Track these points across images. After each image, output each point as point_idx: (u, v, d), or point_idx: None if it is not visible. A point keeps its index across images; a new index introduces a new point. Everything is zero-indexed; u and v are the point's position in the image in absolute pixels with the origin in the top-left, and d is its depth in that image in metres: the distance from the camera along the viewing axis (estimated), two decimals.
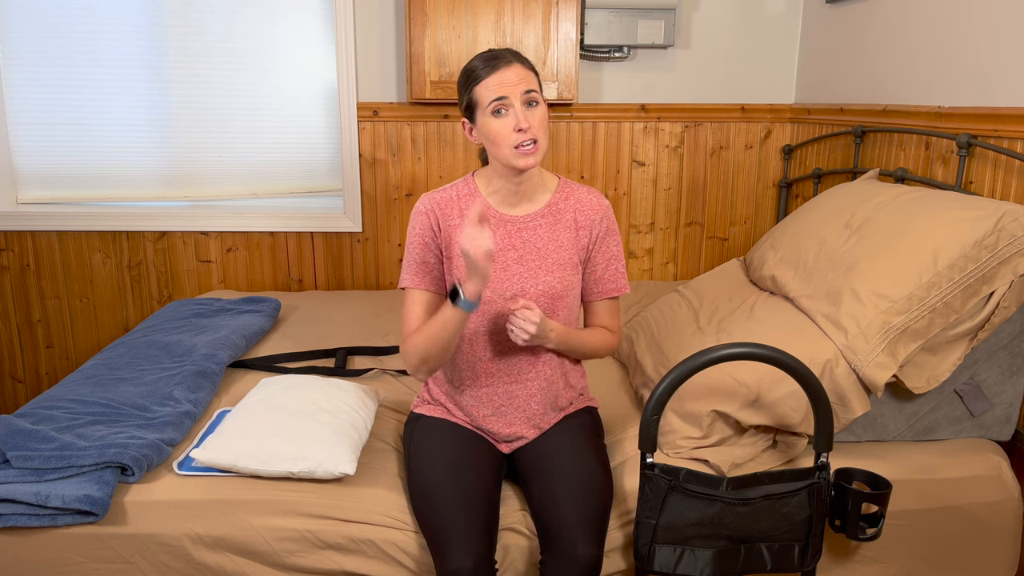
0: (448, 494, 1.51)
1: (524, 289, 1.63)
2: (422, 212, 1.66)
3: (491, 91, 1.54)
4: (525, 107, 1.54)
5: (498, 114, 1.54)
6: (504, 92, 1.53)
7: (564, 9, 2.76)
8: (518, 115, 1.53)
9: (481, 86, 1.55)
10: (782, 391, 1.66)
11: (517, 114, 1.53)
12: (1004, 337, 1.76)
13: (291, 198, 3.17)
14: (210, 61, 3.00)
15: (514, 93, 1.53)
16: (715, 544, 1.53)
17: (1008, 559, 1.77)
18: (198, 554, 1.57)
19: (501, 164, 1.60)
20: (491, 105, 1.53)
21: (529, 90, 1.54)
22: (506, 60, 1.55)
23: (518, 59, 1.57)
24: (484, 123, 1.56)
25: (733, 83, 3.09)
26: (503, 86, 1.53)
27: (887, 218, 1.87)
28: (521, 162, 1.55)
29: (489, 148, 1.59)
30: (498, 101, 1.53)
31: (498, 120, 1.54)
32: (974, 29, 2.05)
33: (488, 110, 1.54)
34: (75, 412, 1.82)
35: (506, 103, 1.53)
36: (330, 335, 2.52)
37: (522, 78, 1.54)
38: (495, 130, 1.55)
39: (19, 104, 3.00)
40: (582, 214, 1.68)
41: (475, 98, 1.56)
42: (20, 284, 3.11)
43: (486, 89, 1.54)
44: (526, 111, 1.54)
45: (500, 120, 1.54)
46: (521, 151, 1.54)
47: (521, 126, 1.53)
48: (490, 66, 1.55)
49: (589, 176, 3.12)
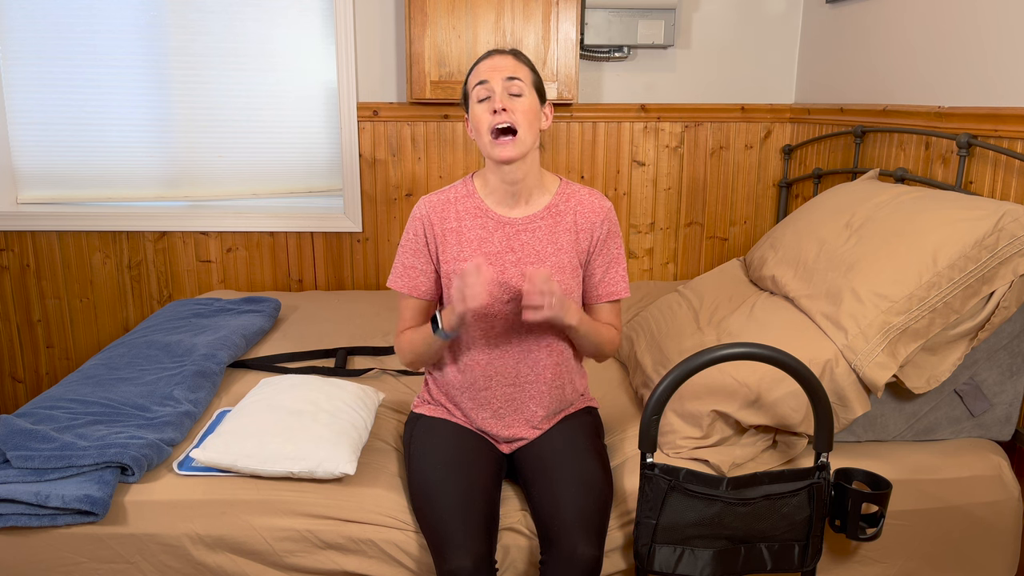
0: (448, 494, 1.51)
1: (522, 293, 1.62)
2: (417, 218, 1.66)
3: (477, 75, 1.56)
4: (507, 94, 1.54)
5: (481, 101, 1.55)
6: (487, 76, 1.54)
7: (564, 9, 2.76)
8: (495, 98, 1.53)
9: (472, 72, 1.58)
10: (782, 391, 1.66)
11: (495, 97, 1.53)
12: (1004, 337, 1.76)
13: (291, 198, 3.17)
14: (210, 61, 3.00)
15: (495, 78, 1.54)
16: (715, 544, 1.53)
17: (1008, 559, 1.77)
18: (198, 554, 1.57)
19: (487, 159, 1.60)
20: (475, 90, 1.55)
21: (513, 77, 1.53)
22: (501, 51, 1.57)
23: (514, 53, 1.58)
24: (472, 112, 1.57)
25: (733, 83, 3.09)
26: (489, 70, 1.54)
27: (887, 218, 1.87)
28: (496, 151, 1.53)
29: (477, 141, 1.60)
30: (480, 85, 1.54)
31: (480, 106, 1.55)
32: (974, 29, 2.05)
33: (474, 97, 1.56)
34: (75, 412, 1.82)
35: (488, 87, 1.54)
36: (330, 335, 2.52)
37: (512, 67, 1.55)
38: (476, 116, 1.55)
39: (19, 104, 3.00)
40: (583, 216, 1.66)
41: (467, 88, 1.59)
42: (20, 284, 3.11)
43: (475, 75, 1.57)
44: (507, 98, 1.54)
45: (482, 106, 1.55)
46: (498, 141, 1.53)
47: (496, 107, 1.52)
48: (484, 56, 1.59)
49: (589, 176, 3.12)
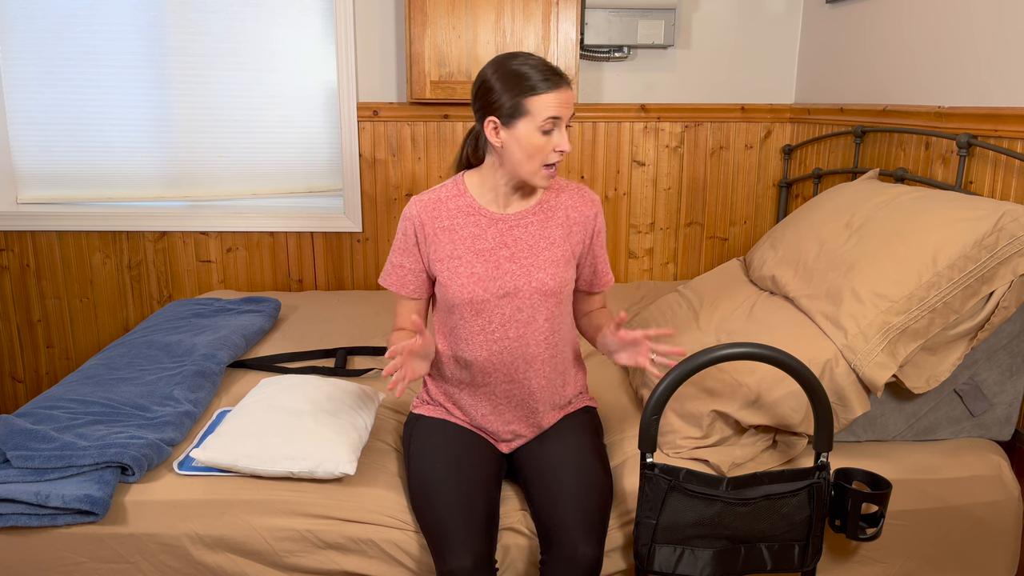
0: (448, 494, 1.51)
1: (517, 287, 1.63)
2: (407, 218, 1.67)
3: (551, 108, 1.52)
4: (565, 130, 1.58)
5: (547, 132, 1.54)
6: (562, 113, 1.54)
7: (564, 9, 2.76)
8: (564, 137, 1.55)
9: (541, 99, 1.52)
10: (782, 391, 1.66)
11: (563, 136, 1.55)
12: (1004, 337, 1.76)
13: (291, 198, 3.17)
14: (210, 61, 3.00)
15: (567, 116, 1.56)
16: (715, 544, 1.53)
17: (1008, 559, 1.77)
18: (198, 554, 1.57)
19: (514, 175, 1.60)
20: (545, 122, 1.53)
21: (573, 115, 1.58)
22: (566, 81, 1.56)
23: (568, 82, 1.57)
24: (527, 135, 1.53)
25: (733, 83, 3.09)
26: (563, 106, 1.54)
27: (887, 218, 1.87)
28: (544, 183, 1.59)
29: (512, 157, 1.56)
30: (553, 120, 1.54)
31: (544, 137, 1.54)
32: (974, 29, 2.05)
33: (540, 125, 1.53)
34: (75, 412, 1.82)
35: (559, 123, 1.55)
36: (330, 335, 2.52)
37: (571, 100, 1.57)
38: (537, 145, 1.54)
39: (19, 104, 3.00)
40: (575, 211, 1.69)
41: (528, 107, 1.52)
42: (20, 284, 3.11)
43: (545, 104, 1.52)
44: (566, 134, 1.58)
45: (546, 138, 1.55)
46: (547, 172, 1.57)
47: (563, 147, 1.55)
48: (552, 82, 1.52)
49: (589, 176, 3.12)
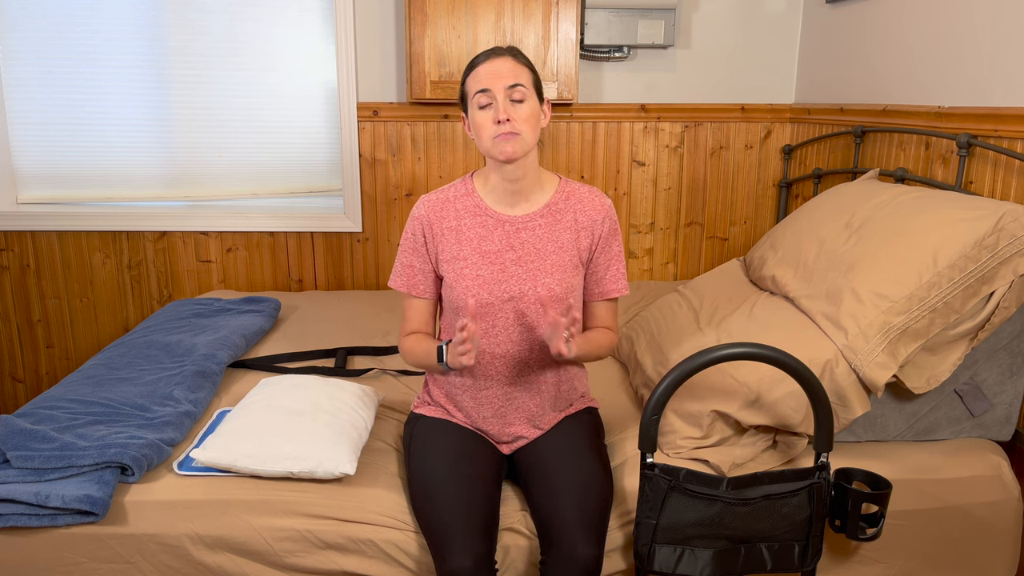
0: (448, 494, 1.51)
1: (523, 291, 1.62)
2: (416, 217, 1.67)
3: (478, 81, 1.56)
4: (509, 102, 1.55)
5: (483, 108, 1.56)
6: (488, 84, 1.54)
7: (564, 9, 2.76)
8: (499, 107, 1.54)
9: (471, 75, 1.58)
10: (782, 391, 1.66)
11: (498, 106, 1.54)
12: (1004, 337, 1.76)
13: (291, 198, 3.17)
14: (210, 61, 2.99)
15: (498, 86, 1.54)
16: (715, 544, 1.53)
17: (1008, 559, 1.77)
18: (198, 554, 1.57)
19: (488, 158, 1.61)
20: (476, 97, 1.55)
21: (515, 84, 1.55)
22: (499, 52, 1.57)
23: (513, 53, 1.58)
24: (471, 115, 1.59)
25: (733, 83, 3.09)
26: (490, 76, 1.54)
27: (887, 218, 1.87)
28: (498, 150, 1.56)
29: (476, 142, 1.60)
30: (481, 93, 1.55)
31: (482, 113, 1.56)
32: (974, 29, 2.05)
33: (474, 102, 1.56)
34: (75, 412, 1.82)
35: (489, 95, 1.55)
36: (330, 335, 2.52)
37: (512, 72, 1.55)
38: (478, 122, 1.57)
39: (19, 104, 3.00)
40: (583, 214, 1.67)
41: (466, 88, 1.59)
42: (20, 284, 3.11)
43: (474, 79, 1.57)
44: (509, 106, 1.55)
45: (483, 113, 1.56)
46: (499, 139, 1.55)
47: (499, 117, 1.54)
48: (483, 56, 1.58)
49: (589, 176, 3.12)
